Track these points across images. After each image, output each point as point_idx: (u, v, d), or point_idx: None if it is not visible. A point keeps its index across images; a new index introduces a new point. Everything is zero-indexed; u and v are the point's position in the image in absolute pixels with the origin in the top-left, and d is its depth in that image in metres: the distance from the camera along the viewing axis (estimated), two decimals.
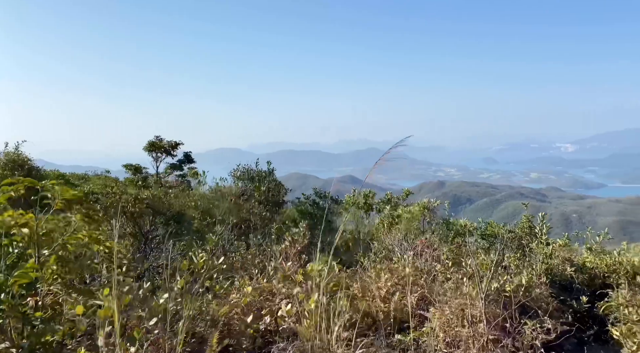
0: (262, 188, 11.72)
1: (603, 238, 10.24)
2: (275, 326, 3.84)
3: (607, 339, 5.77)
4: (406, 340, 3.97)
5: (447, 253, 7.58)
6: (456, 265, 6.79)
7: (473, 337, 3.60)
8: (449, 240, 10.25)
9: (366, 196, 13.41)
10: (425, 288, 5.38)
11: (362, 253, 8.76)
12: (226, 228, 9.53)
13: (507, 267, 7.29)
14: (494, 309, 4.19)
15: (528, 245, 9.03)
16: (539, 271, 7.00)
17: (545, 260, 8.08)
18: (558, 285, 7.65)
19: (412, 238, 8.81)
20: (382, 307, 4.55)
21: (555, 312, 5.61)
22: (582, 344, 5.77)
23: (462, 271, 6.15)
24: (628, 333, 4.38)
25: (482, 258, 7.48)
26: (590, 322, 6.48)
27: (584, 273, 8.05)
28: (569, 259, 8.46)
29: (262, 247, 8.45)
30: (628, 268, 7.77)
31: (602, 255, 9.03)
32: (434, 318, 4.05)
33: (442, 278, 6.04)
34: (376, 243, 9.73)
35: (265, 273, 5.56)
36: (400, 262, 6.70)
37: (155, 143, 20.42)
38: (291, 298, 4.11)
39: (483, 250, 9.70)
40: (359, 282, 5.58)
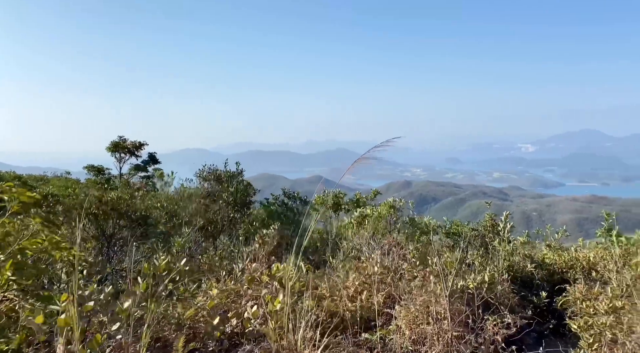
0: (230, 189, 11.58)
1: (561, 235, 10.66)
2: (242, 328, 3.80)
3: (565, 332, 6.00)
4: (373, 339, 4.01)
5: (414, 251, 7.70)
6: (422, 263, 6.91)
7: (438, 333, 3.67)
8: (415, 239, 10.41)
9: (336, 197, 13.47)
10: (392, 286, 5.45)
11: (331, 253, 8.80)
12: (193, 230, 9.37)
13: (471, 265, 7.46)
14: (458, 306, 4.29)
15: (491, 243, 9.29)
16: (502, 268, 7.20)
17: (507, 257, 8.33)
18: (519, 281, 7.90)
19: (379, 238, 8.90)
20: (349, 306, 4.58)
21: (517, 307, 5.79)
22: (542, 338, 5.97)
23: (428, 270, 6.27)
24: (584, 326, 4.57)
25: (447, 256, 7.64)
26: (549, 316, 6.71)
27: (544, 269, 8.34)
28: (530, 256, 8.75)
29: (229, 249, 8.36)
30: (584, 264, 8.10)
31: (561, 252, 9.38)
32: (400, 316, 4.11)
33: (408, 276, 6.14)
34: (345, 242, 9.79)
35: (232, 275, 5.50)
36: (368, 261, 6.76)
37: (119, 143, 19.87)
38: (258, 299, 4.08)
39: (448, 248, 9.90)
40: (327, 282, 5.60)
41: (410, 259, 7.04)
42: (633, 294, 5.68)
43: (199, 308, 4.19)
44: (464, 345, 3.61)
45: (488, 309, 4.93)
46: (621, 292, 5.91)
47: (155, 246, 8.22)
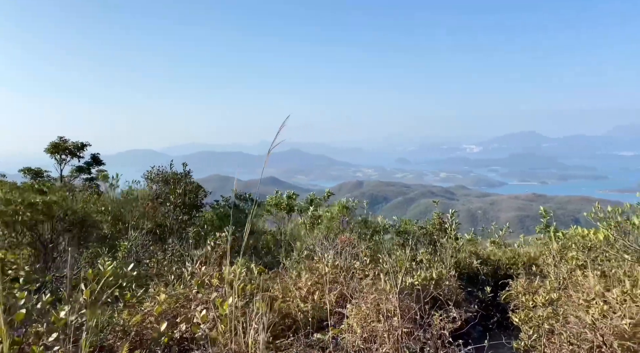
0: (178, 191, 11.27)
1: (504, 232, 11.18)
2: (191, 333, 3.70)
3: (508, 325, 6.28)
4: (325, 339, 4.03)
5: (366, 250, 7.81)
6: (374, 261, 7.02)
7: (388, 331, 3.74)
8: (367, 238, 10.56)
9: (289, 198, 13.44)
10: (344, 285, 5.50)
11: (284, 254, 8.76)
12: (140, 234, 9.04)
13: (420, 262, 7.67)
14: (408, 303, 4.39)
15: (439, 241, 9.60)
16: (449, 265, 7.45)
17: (454, 254, 8.63)
18: (466, 277, 8.21)
19: (332, 237, 8.96)
20: (302, 307, 4.57)
21: (463, 302, 6.01)
22: (487, 331, 6.22)
23: (379, 268, 6.37)
24: (525, 318, 4.81)
25: (397, 254, 7.81)
26: (493, 310, 7.01)
27: (489, 265, 8.72)
28: (475, 252, 9.11)
29: (179, 252, 8.14)
30: (525, 259, 8.54)
31: (504, 248, 9.85)
32: (352, 315, 4.15)
33: (360, 275, 6.21)
34: (298, 243, 9.78)
35: (182, 279, 5.35)
36: (321, 261, 6.78)
37: (59, 144, 18.83)
38: (208, 303, 3.99)
39: (398, 246, 10.13)
40: (280, 283, 5.57)
41: (362, 258, 7.13)
42: (569, 286, 6.04)
43: (146, 314, 4.04)
44: (413, 341, 3.70)
45: (436, 305, 5.08)
46: (558, 285, 6.27)
47: (99, 251, 7.86)
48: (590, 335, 3.88)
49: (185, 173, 11.88)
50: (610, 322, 3.92)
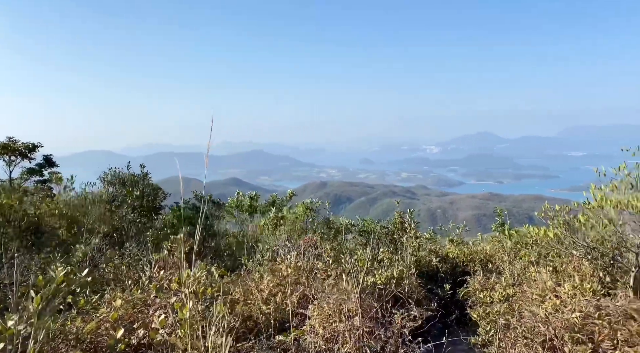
0: (136, 193, 10.94)
1: (462, 231, 11.50)
2: (149, 339, 3.60)
3: (467, 321, 6.46)
4: (287, 340, 4.01)
5: (329, 250, 7.84)
6: (336, 261, 7.05)
7: (350, 330, 3.76)
8: (329, 238, 10.61)
9: (251, 199, 13.32)
10: (307, 286, 5.50)
11: (247, 256, 8.67)
12: (96, 238, 8.72)
13: (381, 261, 7.77)
14: (369, 302, 4.44)
15: (400, 239, 9.76)
16: (409, 264, 7.58)
17: (414, 253, 8.80)
18: (426, 275, 8.38)
19: (295, 238, 8.94)
20: (263, 309, 4.54)
21: (424, 300, 6.13)
22: (446, 328, 6.38)
23: (342, 268, 6.41)
24: (483, 314, 4.96)
25: (359, 254, 7.88)
26: (452, 307, 7.19)
27: (447, 262, 8.94)
28: (435, 251, 9.32)
29: (137, 256, 7.90)
30: (482, 257, 8.81)
31: (462, 246, 10.12)
32: (314, 316, 4.15)
33: (323, 275, 6.23)
34: (261, 245, 9.70)
35: (139, 283, 5.20)
36: (284, 262, 6.76)
37: (8, 144, 17.87)
38: (167, 308, 3.90)
39: (361, 245, 10.23)
40: (241, 286, 5.51)
41: (325, 258, 7.15)
42: (523, 282, 6.28)
43: (101, 320, 3.90)
44: (374, 340, 3.74)
45: (398, 303, 5.17)
46: (513, 281, 6.51)
47: (52, 256, 7.53)
48: (543, 329, 4.05)
49: (143, 174, 11.55)
50: (562, 316, 4.11)
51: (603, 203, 5.58)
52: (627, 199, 5.38)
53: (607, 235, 5.72)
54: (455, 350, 5.11)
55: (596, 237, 5.92)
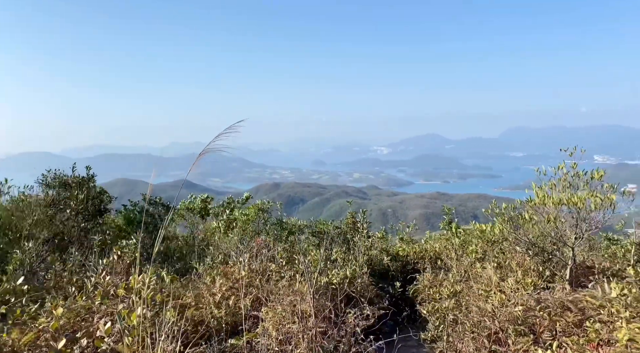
0: (80, 196, 10.41)
1: (411, 229, 11.80)
2: (94, 348, 3.44)
3: (417, 318, 6.63)
4: (239, 344, 3.96)
5: (282, 252, 7.81)
6: (290, 263, 7.04)
7: (303, 331, 3.76)
8: (283, 239, 10.57)
9: (203, 201, 13.02)
10: (260, 288, 5.45)
11: (198, 260, 8.48)
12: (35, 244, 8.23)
13: (335, 261, 7.84)
14: (323, 302, 4.46)
15: (352, 239, 9.89)
16: (362, 263, 7.69)
17: (366, 252, 8.94)
18: (377, 273, 8.54)
19: (248, 240, 8.85)
20: (215, 313, 4.45)
21: (376, 299, 6.24)
22: (397, 325, 6.52)
23: (295, 269, 6.41)
24: (432, 310, 5.11)
25: (313, 254, 7.91)
26: (403, 304, 7.36)
27: (398, 260, 9.15)
28: (386, 249, 9.52)
29: (81, 263, 7.53)
30: (431, 254, 9.08)
31: (412, 244, 10.40)
32: (267, 318, 4.12)
33: (276, 277, 6.20)
34: (212, 248, 9.53)
35: (84, 291, 4.96)
36: (236, 265, 6.67)
37: None
38: (113, 315, 3.73)
39: (314, 246, 10.27)
40: (193, 290, 5.38)
41: (278, 260, 7.12)
42: (470, 278, 6.52)
43: (40, 331, 3.68)
44: (327, 340, 3.76)
45: (351, 302, 5.22)
46: (461, 277, 6.75)
47: None
48: (489, 323, 4.22)
49: (89, 176, 11.02)
50: (506, 310, 4.30)
51: (545, 201, 5.90)
52: (566, 197, 5.72)
53: (547, 231, 6.06)
54: (406, 346, 5.24)
55: (537, 233, 6.25)
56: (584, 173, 5.77)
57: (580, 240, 5.81)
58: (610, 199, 5.46)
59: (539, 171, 6.19)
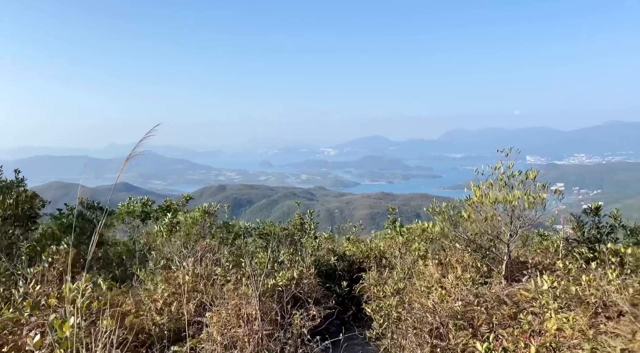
0: (9, 201, 9.71)
1: (357, 229, 11.98)
2: None
3: (363, 316, 6.73)
4: (182, 351, 3.84)
5: (228, 255, 7.68)
6: (236, 266, 6.94)
7: (249, 335, 3.71)
8: (228, 243, 10.40)
9: (143, 204, 12.53)
10: (205, 293, 5.32)
11: (139, 265, 8.16)
12: None
13: (282, 263, 7.80)
14: (269, 304, 4.42)
15: (300, 240, 9.89)
16: (309, 264, 7.71)
17: (314, 253, 8.98)
18: (324, 273, 8.59)
19: (192, 244, 8.63)
20: (157, 320, 4.29)
21: (323, 299, 6.27)
22: (344, 324, 6.59)
23: (242, 272, 6.32)
24: (376, 308, 5.20)
25: (260, 257, 7.83)
26: (349, 303, 7.45)
27: (345, 260, 9.25)
28: (333, 250, 9.60)
29: (9, 271, 7.03)
30: (376, 253, 9.26)
31: (358, 243, 10.55)
32: (212, 323, 4.02)
33: (222, 281, 6.08)
34: (154, 253, 9.20)
35: (11, 302, 4.62)
36: (180, 270, 6.48)
37: None
38: (45, 327, 3.50)
39: (261, 248, 10.18)
40: (133, 297, 5.16)
41: (224, 263, 6.99)
42: (413, 275, 6.71)
43: None
44: (273, 342, 3.73)
45: (298, 304, 5.21)
46: (404, 275, 6.93)
47: None
48: (430, 318, 4.36)
49: (18, 180, 10.30)
50: (447, 305, 4.46)
51: (482, 200, 6.18)
52: (502, 196, 6.03)
53: (484, 228, 6.35)
54: (352, 344, 5.30)
55: (475, 231, 6.54)
56: (518, 173, 6.11)
57: (514, 237, 6.14)
58: (542, 198, 5.82)
59: (477, 172, 6.49)
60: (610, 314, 3.80)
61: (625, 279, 4.50)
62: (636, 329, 3.24)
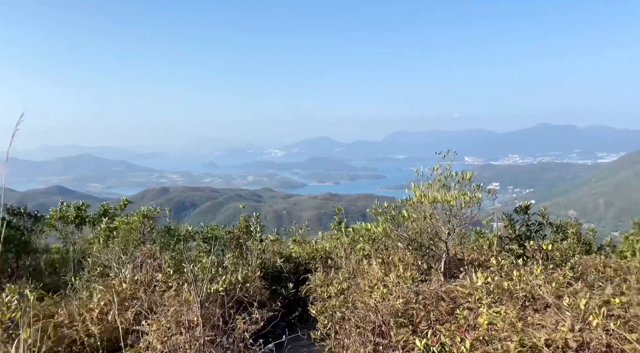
0: None
1: (304, 230, 12.03)
2: None
3: (309, 317, 6.77)
4: None
5: (169, 261, 7.47)
6: (178, 272, 6.76)
7: (190, 342, 3.63)
8: (171, 247, 10.10)
9: (78, 209, 11.89)
10: (145, 300, 5.14)
11: (73, 274, 7.74)
12: None
13: (226, 267, 7.68)
14: (212, 310, 4.34)
15: (245, 243, 9.79)
16: (254, 267, 7.64)
17: (259, 255, 8.91)
18: (271, 276, 8.55)
19: (132, 250, 8.30)
20: (92, 330, 4.09)
21: (268, 302, 6.24)
22: (290, 326, 6.58)
23: (184, 278, 6.16)
24: (321, 309, 5.25)
25: (203, 262, 7.67)
26: (296, 305, 7.46)
27: (291, 262, 9.26)
28: (279, 252, 9.57)
29: None
30: (322, 254, 9.34)
31: (304, 245, 10.59)
32: (151, 331, 3.89)
33: (163, 287, 5.90)
34: (90, 260, 8.76)
35: None
36: (118, 277, 6.23)
37: None
38: None
39: (205, 253, 9.97)
40: (66, 307, 4.89)
41: (165, 269, 6.79)
42: (357, 275, 6.83)
43: None
44: (215, 348, 3.67)
45: (241, 308, 5.15)
46: (349, 275, 7.04)
47: None
48: (373, 317, 4.46)
49: None
50: (388, 303, 4.58)
51: (422, 200, 6.40)
52: (440, 196, 6.28)
53: (424, 227, 6.59)
54: (298, 346, 5.32)
55: (416, 230, 6.77)
56: (455, 174, 6.39)
57: (452, 235, 6.42)
58: (477, 197, 6.12)
59: (417, 173, 6.72)
60: (537, 306, 4.06)
61: (551, 273, 4.82)
62: (559, 320, 3.49)
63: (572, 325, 3.41)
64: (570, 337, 3.31)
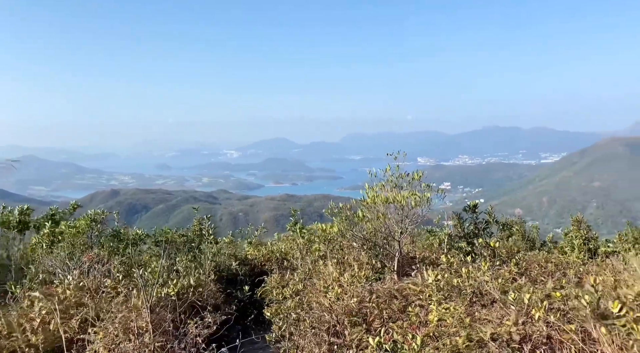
0: None
1: (260, 232, 11.94)
2: None
3: (265, 320, 6.72)
4: None
5: (118, 266, 7.22)
6: (128, 277, 6.55)
7: (139, 348, 3.51)
8: (120, 252, 9.74)
9: (21, 213, 11.25)
10: (91, 308, 4.93)
11: (14, 282, 7.32)
12: None
13: (178, 271, 7.50)
14: (163, 315, 4.22)
15: (199, 246, 9.59)
16: (208, 270, 7.51)
17: (214, 258, 8.75)
18: (225, 279, 8.42)
19: (78, 256, 7.96)
20: (33, 341, 3.88)
21: (223, 305, 6.14)
22: (245, 329, 6.51)
23: (134, 283, 5.97)
24: (276, 311, 5.23)
25: (154, 266, 7.45)
26: (251, 308, 7.39)
27: (247, 264, 9.16)
28: (234, 254, 9.45)
29: None
30: (278, 255, 9.30)
31: (260, 247, 10.51)
32: (98, 339, 3.74)
33: (112, 293, 5.69)
34: (33, 266, 8.32)
35: None
36: (63, 284, 5.94)
37: None
38: None
39: (156, 257, 9.68)
40: (4, 317, 4.62)
41: (114, 275, 6.56)
42: (313, 275, 6.85)
43: None
44: None
45: (194, 312, 5.05)
46: (305, 275, 7.05)
47: None
48: (327, 317, 4.49)
49: None
50: (343, 303, 4.62)
51: (375, 200, 6.51)
52: (392, 196, 6.41)
53: (378, 227, 6.70)
54: (253, 349, 5.26)
55: (370, 229, 6.87)
56: (406, 174, 6.54)
57: (405, 234, 6.56)
58: (427, 197, 6.30)
59: (371, 173, 6.84)
60: (484, 302, 4.23)
61: (497, 269, 5.04)
62: (504, 314, 3.65)
63: (516, 319, 3.58)
64: (514, 330, 3.47)
